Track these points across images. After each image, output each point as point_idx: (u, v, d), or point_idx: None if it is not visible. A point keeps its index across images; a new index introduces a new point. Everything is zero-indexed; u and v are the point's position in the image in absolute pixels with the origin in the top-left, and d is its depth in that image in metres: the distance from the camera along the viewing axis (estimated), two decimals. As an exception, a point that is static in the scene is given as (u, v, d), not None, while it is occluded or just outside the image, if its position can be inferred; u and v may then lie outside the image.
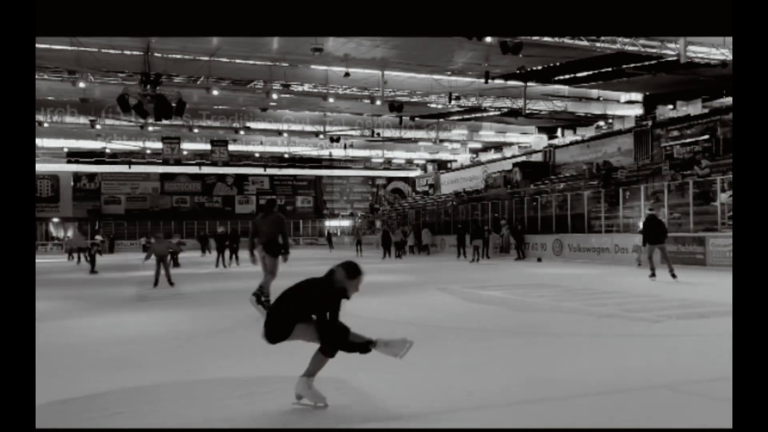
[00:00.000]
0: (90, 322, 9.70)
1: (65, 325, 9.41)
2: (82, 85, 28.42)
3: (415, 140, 48.00)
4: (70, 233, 29.93)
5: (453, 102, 33.65)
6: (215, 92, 30.56)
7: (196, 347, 7.37)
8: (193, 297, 13.27)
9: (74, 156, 51.43)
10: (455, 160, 54.69)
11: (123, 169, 54.36)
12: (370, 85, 31.45)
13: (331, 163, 59.47)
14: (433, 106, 36.32)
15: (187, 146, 44.66)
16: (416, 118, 41.78)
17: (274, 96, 32.46)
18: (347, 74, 27.87)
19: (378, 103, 32.44)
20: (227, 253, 24.73)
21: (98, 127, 38.33)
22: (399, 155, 55.44)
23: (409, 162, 59.12)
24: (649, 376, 5.46)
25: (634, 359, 6.25)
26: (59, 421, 4.51)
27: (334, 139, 42.80)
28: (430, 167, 59.19)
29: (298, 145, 48.80)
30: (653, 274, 15.25)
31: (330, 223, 63.23)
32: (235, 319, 9.78)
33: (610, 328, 8.27)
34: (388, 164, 60.33)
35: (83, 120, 37.09)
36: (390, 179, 66.20)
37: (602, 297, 11.85)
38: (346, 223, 61.66)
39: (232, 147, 44.45)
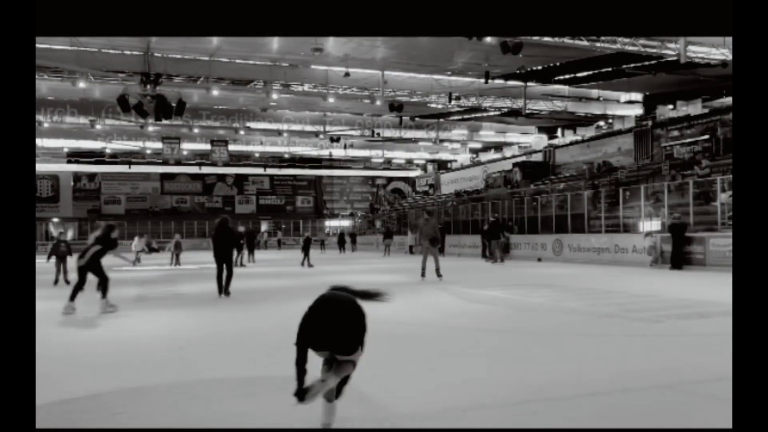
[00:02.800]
0: (90, 322, 9.70)
1: (65, 325, 9.41)
2: (82, 85, 28.42)
3: (415, 140, 48.05)
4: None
5: (453, 102, 33.67)
6: (215, 92, 30.58)
7: (196, 347, 7.36)
8: (192, 297, 13.28)
9: (74, 156, 51.43)
10: (455, 160, 54.70)
11: (123, 169, 54.40)
12: (370, 85, 31.46)
13: (331, 163, 59.50)
14: (433, 106, 36.35)
15: (187, 146, 44.68)
16: (416, 118, 41.80)
17: (274, 96, 32.48)
18: (347, 74, 27.88)
19: (378, 103, 32.47)
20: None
21: (98, 127, 38.36)
22: (399, 155, 55.47)
23: (409, 162, 59.16)
24: (649, 376, 5.46)
25: (634, 359, 6.24)
26: (59, 421, 4.51)
27: (334, 139, 42.83)
28: (430, 167, 59.18)
29: (298, 145, 48.81)
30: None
31: (330, 223, 63.21)
32: (234, 318, 9.79)
33: (610, 328, 8.27)
34: (388, 164, 60.35)
35: (83, 120, 37.10)
36: (390, 179, 66.23)
37: (602, 297, 11.85)
38: (346, 223, 61.59)
39: (232, 147, 44.49)
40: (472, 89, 32.95)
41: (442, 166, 57.46)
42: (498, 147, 49.52)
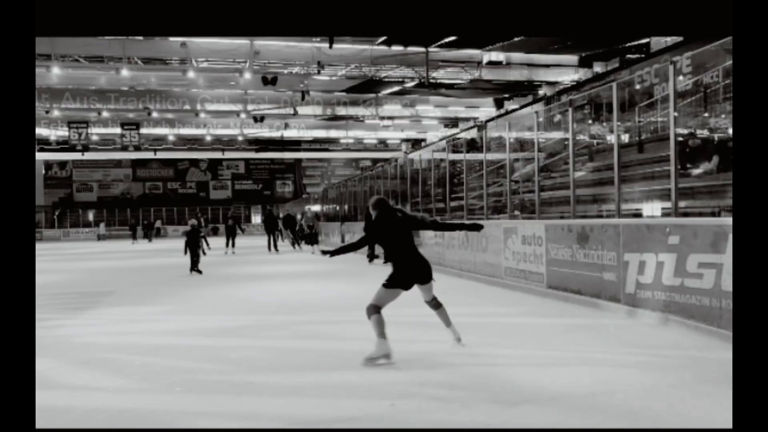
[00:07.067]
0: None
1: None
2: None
3: (361, 118, 44.29)
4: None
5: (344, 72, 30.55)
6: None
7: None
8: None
9: (44, 144, 49.90)
10: (425, 139, 52.43)
11: (95, 156, 53.20)
12: (237, 56, 28.05)
13: (309, 145, 56.56)
14: (320, 78, 32.24)
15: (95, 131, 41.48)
16: (352, 94, 37.57)
17: (191, 74, 29.29)
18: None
19: (247, 76, 28.54)
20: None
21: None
22: (367, 135, 52.51)
23: (383, 142, 56.72)
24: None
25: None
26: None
27: (258, 119, 39.90)
28: (404, 146, 57.68)
29: (254, 127, 43.30)
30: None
31: (314, 208, 62.31)
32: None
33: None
34: (360, 144, 58.10)
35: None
36: (375, 161, 65.21)
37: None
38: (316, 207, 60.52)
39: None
40: (365, 57, 28.63)
41: (415, 144, 55.01)
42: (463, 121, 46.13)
